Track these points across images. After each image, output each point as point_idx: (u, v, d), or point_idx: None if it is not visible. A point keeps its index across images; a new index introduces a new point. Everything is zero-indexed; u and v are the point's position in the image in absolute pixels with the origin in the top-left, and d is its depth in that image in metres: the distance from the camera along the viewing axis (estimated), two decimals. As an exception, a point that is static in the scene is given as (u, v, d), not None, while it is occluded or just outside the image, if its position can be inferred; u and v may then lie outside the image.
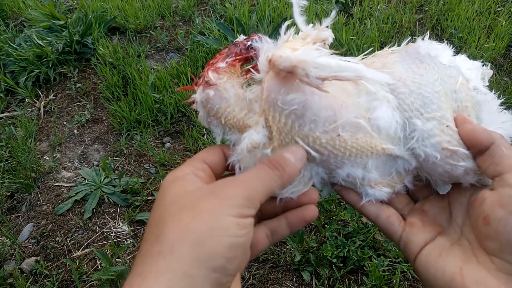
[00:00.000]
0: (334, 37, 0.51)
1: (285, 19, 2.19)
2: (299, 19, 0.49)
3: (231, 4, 2.46)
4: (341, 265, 1.36)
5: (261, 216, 0.53)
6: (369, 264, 1.32)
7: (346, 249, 1.36)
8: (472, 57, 2.14)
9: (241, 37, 0.56)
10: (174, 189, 0.45)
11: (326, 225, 1.46)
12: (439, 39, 2.33)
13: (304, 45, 0.46)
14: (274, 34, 2.16)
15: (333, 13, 0.52)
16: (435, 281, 0.47)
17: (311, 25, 0.49)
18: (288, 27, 0.49)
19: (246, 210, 0.43)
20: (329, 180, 0.54)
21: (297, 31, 0.50)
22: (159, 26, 2.48)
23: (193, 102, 0.53)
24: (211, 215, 0.41)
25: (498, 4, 2.50)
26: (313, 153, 0.48)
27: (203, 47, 2.16)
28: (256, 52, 0.53)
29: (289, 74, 0.44)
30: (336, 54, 0.46)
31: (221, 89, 0.51)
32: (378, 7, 2.50)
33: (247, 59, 0.55)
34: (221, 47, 2.10)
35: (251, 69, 0.52)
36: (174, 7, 2.59)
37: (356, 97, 0.50)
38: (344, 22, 2.28)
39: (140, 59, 2.17)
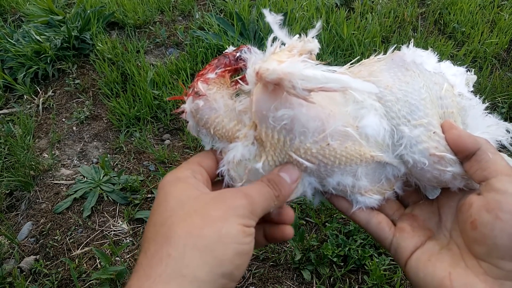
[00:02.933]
0: (320, 47, 0.52)
1: (286, 14, 2.18)
2: (281, 33, 0.50)
3: (231, -2, 2.44)
4: (342, 264, 1.35)
5: None
6: (370, 263, 1.31)
7: (347, 248, 1.35)
8: (475, 51, 2.12)
9: (230, 48, 0.57)
10: (179, 191, 0.46)
11: (326, 224, 1.45)
12: (442, 33, 2.31)
13: (290, 57, 0.47)
14: (274, 29, 2.13)
15: (318, 25, 0.52)
16: (425, 286, 0.47)
17: (296, 37, 0.50)
18: (274, 39, 0.50)
19: (250, 221, 0.44)
20: (321, 189, 0.54)
21: (284, 43, 0.50)
22: (158, 21, 2.45)
23: (182, 112, 0.54)
24: (221, 222, 0.42)
25: (501, -3, 2.48)
26: (305, 163, 0.49)
27: (202, 42, 2.14)
28: (245, 63, 0.54)
29: (276, 86, 0.45)
30: (323, 64, 0.47)
31: (211, 100, 0.51)
32: (380, 1, 2.47)
33: (236, 70, 0.56)
34: (221, 42, 2.08)
35: (240, 81, 0.53)
36: (174, 1, 2.57)
37: (343, 106, 0.51)
38: (346, 17, 2.26)
39: (139, 55, 2.15)
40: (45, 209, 1.60)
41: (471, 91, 0.58)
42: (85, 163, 1.77)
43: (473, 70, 0.60)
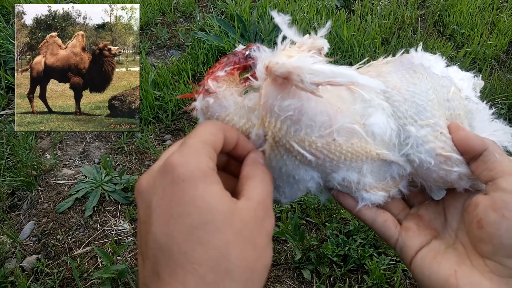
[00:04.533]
0: (329, 46, 0.52)
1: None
2: (289, 32, 0.51)
3: (232, 0, 2.45)
4: (342, 263, 1.36)
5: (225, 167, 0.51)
6: (370, 263, 1.32)
7: (347, 248, 1.35)
8: (475, 53, 2.13)
9: (240, 47, 0.58)
10: (218, 199, 0.38)
11: (326, 223, 1.45)
12: (441, 35, 2.32)
13: (299, 52, 0.47)
14: (275, 30, 2.14)
15: (328, 24, 0.53)
16: (430, 284, 0.48)
17: (307, 35, 0.51)
18: (283, 38, 0.50)
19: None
20: (325, 185, 0.55)
21: (294, 42, 0.51)
22: (160, 22, 2.47)
23: (193, 110, 0.54)
24: (267, 252, 0.40)
25: (500, 0, 2.48)
26: (309, 156, 0.48)
27: (204, 43, 2.15)
28: (254, 61, 0.55)
29: (285, 80, 0.45)
30: (331, 62, 0.48)
31: (221, 97, 0.52)
32: (380, 3, 2.48)
33: (246, 68, 0.56)
34: (222, 44, 2.09)
35: (250, 77, 0.54)
36: (175, 3, 2.58)
37: (351, 104, 0.51)
38: (346, 18, 2.27)
39: (140, 56, 2.16)
40: (47, 208, 1.61)
41: (478, 96, 0.58)
42: (87, 163, 1.78)
43: (472, 71, 0.61)
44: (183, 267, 0.36)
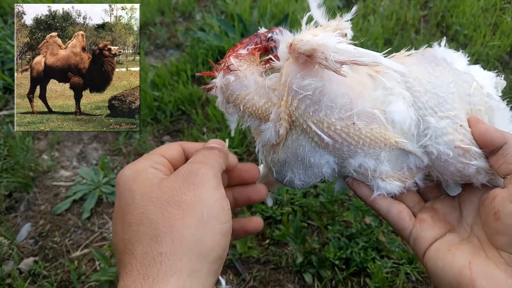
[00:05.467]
0: (352, 33, 0.55)
1: (287, 15, 2.17)
2: (317, 12, 0.53)
3: (232, 0, 2.43)
4: (344, 266, 1.34)
5: None
6: (372, 266, 1.30)
7: (349, 251, 1.34)
8: (478, 54, 2.11)
9: (263, 29, 0.58)
10: (141, 184, 0.44)
11: (328, 226, 1.44)
12: (444, 36, 2.30)
13: (324, 32, 0.48)
14: (275, 30, 2.12)
15: (354, 9, 0.55)
16: (443, 275, 0.47)
17: (332, 20, 0.53)
18: (308, 20, 0.52)
19: (222, 188, 0.45)
20: (340, 171, 0.55)
21: (319, 24, 0.52)
22: (159, 22, 2.45)
23: (212, 88, 0.54)
24: (200, 206, 0.41)
25: (503, 1, 2.47)
26: (326, 138, 0.49)
27: (203, 43, 2.13)
28: (275, 43, 0.55)
29: (308, 58, 0.46)
30: (356, 45, 0.48)
31: (241, 76, 0.52)
32: (382, 3, 2.46)
33: (267, 49, 0.57)
34: (221, 44, 2.07)
35: (272, 57, 0.54)
36: (174, 3, 2.56)
37: (373, 90, 0.51)
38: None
39: (140, 56, 2.14)
40: (44, 210, 1.58)
41: (500, 96, 0.58)
42: (84, 164, 1.76)
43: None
44: (123, 252, 0.41)
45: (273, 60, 0.54)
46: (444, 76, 0.52)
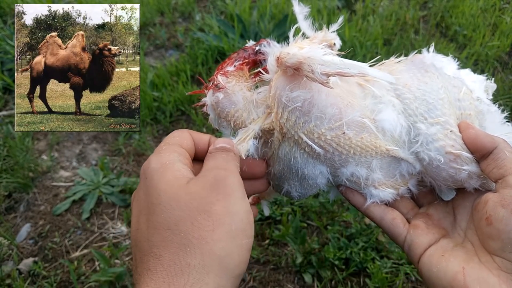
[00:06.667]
0: (340, 42, 0.54)
1: (287, 16, 2.17)
2: (304, 24, 0.52)
3: (231, 0, 2.43)
4: (344, 267, 1.34)
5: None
6: (372, 266, 1.30)
7: (349, 251, 1.34)
8: (477, 54, 2.12)
9: (251, 43, 0.59)
10: (169, 182, 0.43)
11: (328, 226, 1.44)
12: (443, 36, 2.30)
13: (310, 44, 0.48)
14: (275, 30, 2.13)
15: (340, 19, 0.54)
16: (437, 281, 0.47)
17: (319, 31, 0.53)
18: (295, 32, 0.52)
19: (246, 198, 0.44)
20: (333, 180, 0.55)
21: (306, 36, 0.52)
22: (158, 22, 2.45)
23: (203, 106, 0.55)
24: (229, 219, 0.41)
25: (503, 1, 2.47)
26: (317, 149, 0.49)
27: (203, 44, 2.13)
28: (264, 56, 0.56)
29: (296, 71, 0.46)
30: (343, 55, 0.48)
31: (230, 93, 0.53)
32: (382, 3, 2.47)
33: (255, 63, 0.57)
34: (221, 44, 2.07)
35: (261, 71, 0.54)
36: (174, 3, 2.56)
37: (362, 99, 0.51)
38: (347, 19, 2.25)
39: (139, 56, 2.14)
40: (44, 211, 1.58)
41: (490, 99, 0.58)
42: (84, 165, 1.76)
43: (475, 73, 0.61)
44: (146, 254, 0.40)
45: (262, 73, 0.54)
46: (433, 82, 0.53)
